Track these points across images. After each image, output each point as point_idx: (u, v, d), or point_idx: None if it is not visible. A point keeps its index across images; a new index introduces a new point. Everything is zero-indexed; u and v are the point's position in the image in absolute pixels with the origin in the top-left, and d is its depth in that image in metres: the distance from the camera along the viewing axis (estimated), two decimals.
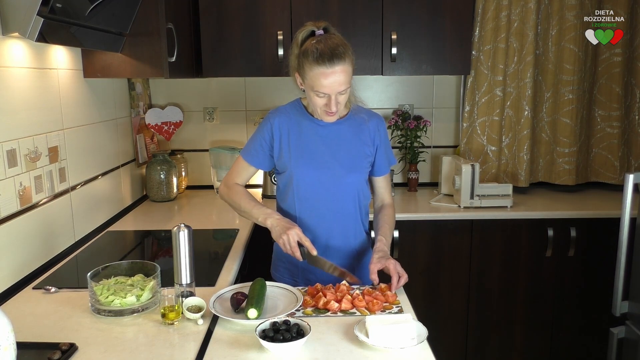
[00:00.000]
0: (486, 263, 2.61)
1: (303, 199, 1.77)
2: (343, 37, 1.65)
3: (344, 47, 1.59)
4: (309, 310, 1.48)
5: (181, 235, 1.45)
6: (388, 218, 1.84)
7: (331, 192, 1.75)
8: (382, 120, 1.83)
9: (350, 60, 1.60)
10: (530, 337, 2.69)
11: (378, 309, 1.48)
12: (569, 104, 2.81)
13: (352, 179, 1.76)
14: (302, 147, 1.74)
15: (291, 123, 1.76)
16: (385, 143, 1.82)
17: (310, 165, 1.74)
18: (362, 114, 1.78)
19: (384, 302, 1.52)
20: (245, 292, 1.51)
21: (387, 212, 1.86)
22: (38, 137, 1.82)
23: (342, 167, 1.74)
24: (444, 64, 2.68)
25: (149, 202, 2.84)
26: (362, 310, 1.48)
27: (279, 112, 1.79)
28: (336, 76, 1.56)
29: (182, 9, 2.46)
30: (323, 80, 1.57)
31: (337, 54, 1.56)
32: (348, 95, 1.66)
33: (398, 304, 1.53)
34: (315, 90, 1.59)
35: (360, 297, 1.51)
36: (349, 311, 1.48)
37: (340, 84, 1.58)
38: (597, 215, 2.56)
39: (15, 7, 1.50)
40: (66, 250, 2.01)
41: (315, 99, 1.62)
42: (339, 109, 1.65)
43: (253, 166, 1.82)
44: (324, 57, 1.55)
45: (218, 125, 3.09)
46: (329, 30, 1.66)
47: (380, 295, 1.54)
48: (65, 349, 1.24)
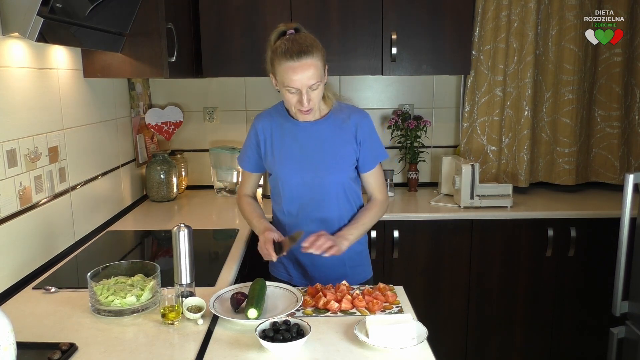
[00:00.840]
0: (486, 263, 2.61)
1: (290, 199, 1.79)
2: (313, 36, 1.65)
3: (313, 43, 1.61)
4: (309, 310, 1.48)
5: (181, 235, 1.46)
6: (364, 211, 1.79)
7: (315, 192, 1.76)
8: (365, 115, 1.79)
9: (320, 56, 1.61)
10: (530, 337, 2.69)
11: (378, 309, 1.48)
12: (569, 104, 2.81)
13: (335, 179, 1.76)
14: (285, 149, 1.76)
15: (274, 126, 1.78)
16: (370, 138, 1.77)
17: (293, 167, 1.75)
18: (342, 113, 1.77)
19: (384, 302, 1.52)
20: (245, 292, 1.52)
21: (369, 205, 1.82)
22: (38, 137, 1.82)
23: (325, 167, 1.74)
24: (444, 64, 2.68)
25: (149, 202, 2.84)
26: (362, 310, 1.48)
27: (262, 115, 1.83)
28: (305, 70, 1.57)
29: (182, 9, 2.46)
30: (292, 75, 1.58)
31: (304, 48, 1.57)
32: (321, 92, 1.66)
33: (398, 304, 1.53)
34: (286, 85, 1.60)
35: (360, 297, 1.52)
36: (349, 311, 1.48)
37: (309, 78, 1.58)
38: (597, 215, 2.56)
39: (15, 7, 1.50)
40: (66, 250, 2.01)
41: (288, 95, 1.63)
42: (313, 106, 1.64)
43: (251, 172, 1.88)
44: (292, 52, 1.57)
45: (218, 125, 3.09)
46: (300, 31, 1.67)
47: (380, 295, 1.54)
48: (65, 349, 1.24)
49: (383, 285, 1.60)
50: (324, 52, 1.64)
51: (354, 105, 1.87)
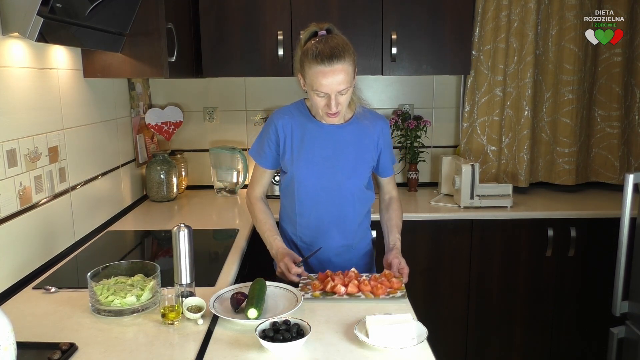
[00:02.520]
0: (486, 263, 2.61)
1: (303, 200, 1.78)
2: (346, 39, 1.64)
3: (345, 47, 1.58)
4: (317, 293, 1.55)
5: (181, 235, 1.45)
6: (395, 215, 1.88)
7: (330, 196, 1.76)
8: (386, 122, 1.85)
9: (351, 61, 1.59)
10: (530, 337, 2.69)
11: (382, 293, 1.54)
12: (569, 104, 2.81)
13: (351, 184, 1.77)
14: (304, 150, 1.74)
15: (295, 124, 1.76)
16: (389, 145, 1.85)
17: (310, 168, 1.74)
18: (366, 118, 1.77)
19: (389, 288, 1.57)
20: (245, 292, 1.51)
21: (394, 207, 1.90)
22: (38, 137, 1.82)
23: (343, 172, 1.74)
24: (444, 64, 2.68)
25: (149, 202, 2.84)
26: (367, 294, 1.54)
27: (283, 112, 1.78)
28: (335, 75, 1.55)
29: (182, 9, 2.46)
30: (322, 79, 1.56)
31: (336, 52, 1.55)
32: (349, 96, 1.65)
33: (403, 290, 1.58)
34: (315, 89, 1.59)
35: (366, 282, 1.57)
36: (355, 295, 1.54)
37: (339, 83, 1.57)
38: (597, 215, 2.56)
39: (15, 7, 1.50)
40: (66, 250, 2.01)
41: (316, 99, 1.62)
42: (340, 110, 1.64)
43: (267, 169, 1.84)
44: (323, 55, 1.55)
45: (218, 125, 3.09)
46: (332, 32, 1.64)
47: (386, 281, 1.59)
48: (65, 349, 1.24)
49: (389, 272, 1.66)
50: (355, 56, 1.62)
51: (373, 109, 1.87)
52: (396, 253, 1.75)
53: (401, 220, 1.90)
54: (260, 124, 2.98)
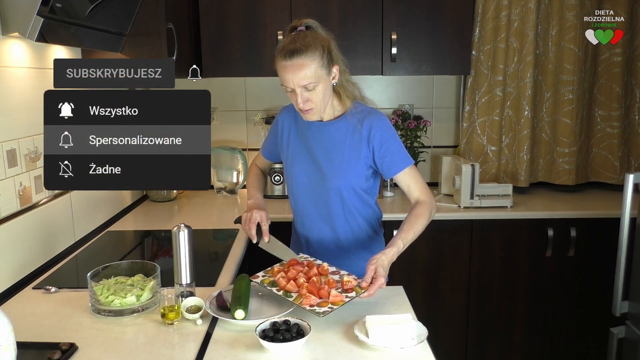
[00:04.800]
0: (486, 263, 2.61)
1: (296, 196, 1.81)
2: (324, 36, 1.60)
3: (310, 43, 1.54)
4: (268, 280, 1.52)
5: (181, 235, 1.46)
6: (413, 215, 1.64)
7: (320, 194, 1.73)
8: (381, 118, 1.69)
9: (316, 56, 1.54)
10: (530, 337, 2.69)
11: (307, 304, 1.39)
12: (569, 104, 2.81)
13: (337, 184, 1.70)
14: (296, 147, 1.76)
15: (293, 121, 1.79)
16: (387, 142, 1.68)
17: (300, 165, 1.75)
18: (356, 116, 1.69)
19: (320, 299, 1.41)
20: (228, 293, 1.50)
21: (416, 208, 1.66)
22: (38, 137, 1.82)
23: (329, 171, 1.70)
24: (444, 64, 2.68)
25: (149, 202, 2.83)
26: (302, 293, 1.42)
27: (287, 108, 1.83)
28: (296, 70, 1.53)
29: (182, 9, 2.46)
30: (284, 74, 1.56)
31: (298, 47, 1.53)
32: (323, 93, 1.59)
33: (339, 304, 1.39)
34: (282, 84, 1.60)
35: (314, 281, 1.46)
36: (290, 293, 1.43)
37: (301, 78, 1.54)
38: (597, 215, 2.56)
39: (15, 7, 1.50)
40: (66, 250, 2.01)
41: (287, 94, 1.62)
42: (311, 106, 1.59)
43: (266, 159, 1.95)
44: (285, 50, 1.55)
45: (218, 125, 3.09)
46: (312, 28, 1.62)
47: (326, 290, 1.43)
48: (65, 349, 1.25)
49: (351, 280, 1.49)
50: (328, 52, 1.57)
51: (375, 107, 1.76)
52: (381, 256, 1.50)
53: (421, 224, 1.63)
54: (260, 124, 2.98)
